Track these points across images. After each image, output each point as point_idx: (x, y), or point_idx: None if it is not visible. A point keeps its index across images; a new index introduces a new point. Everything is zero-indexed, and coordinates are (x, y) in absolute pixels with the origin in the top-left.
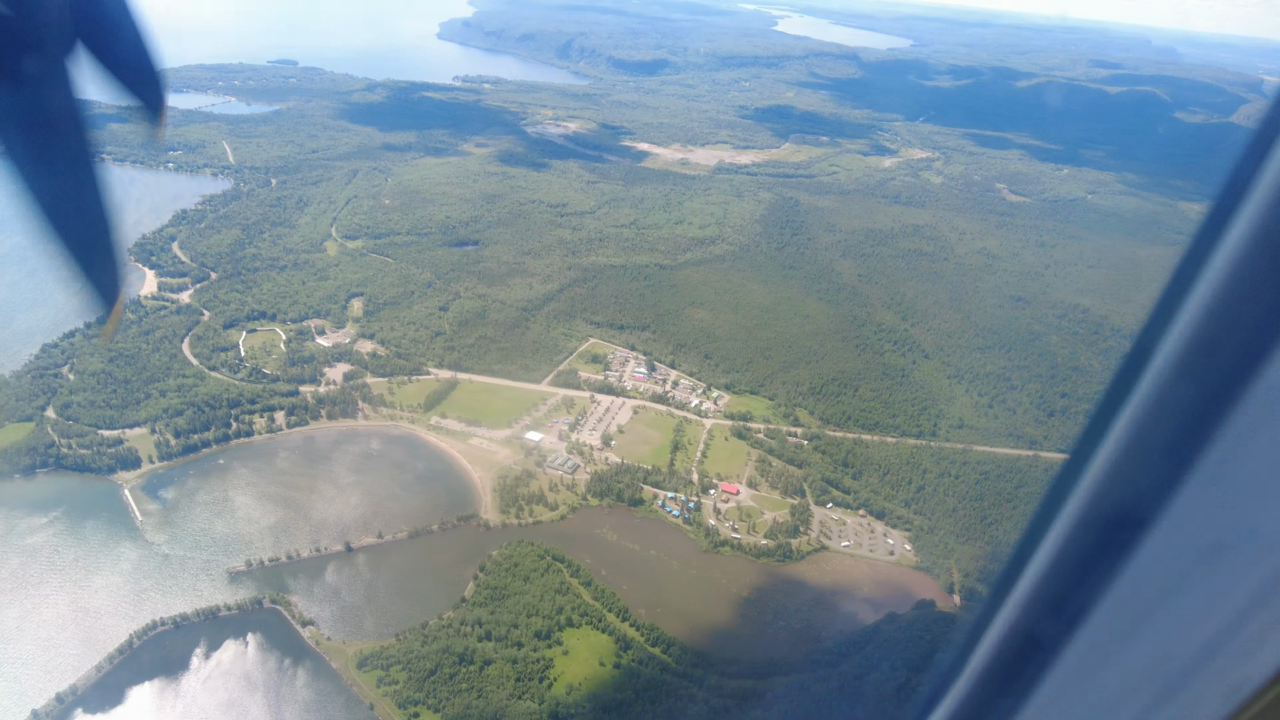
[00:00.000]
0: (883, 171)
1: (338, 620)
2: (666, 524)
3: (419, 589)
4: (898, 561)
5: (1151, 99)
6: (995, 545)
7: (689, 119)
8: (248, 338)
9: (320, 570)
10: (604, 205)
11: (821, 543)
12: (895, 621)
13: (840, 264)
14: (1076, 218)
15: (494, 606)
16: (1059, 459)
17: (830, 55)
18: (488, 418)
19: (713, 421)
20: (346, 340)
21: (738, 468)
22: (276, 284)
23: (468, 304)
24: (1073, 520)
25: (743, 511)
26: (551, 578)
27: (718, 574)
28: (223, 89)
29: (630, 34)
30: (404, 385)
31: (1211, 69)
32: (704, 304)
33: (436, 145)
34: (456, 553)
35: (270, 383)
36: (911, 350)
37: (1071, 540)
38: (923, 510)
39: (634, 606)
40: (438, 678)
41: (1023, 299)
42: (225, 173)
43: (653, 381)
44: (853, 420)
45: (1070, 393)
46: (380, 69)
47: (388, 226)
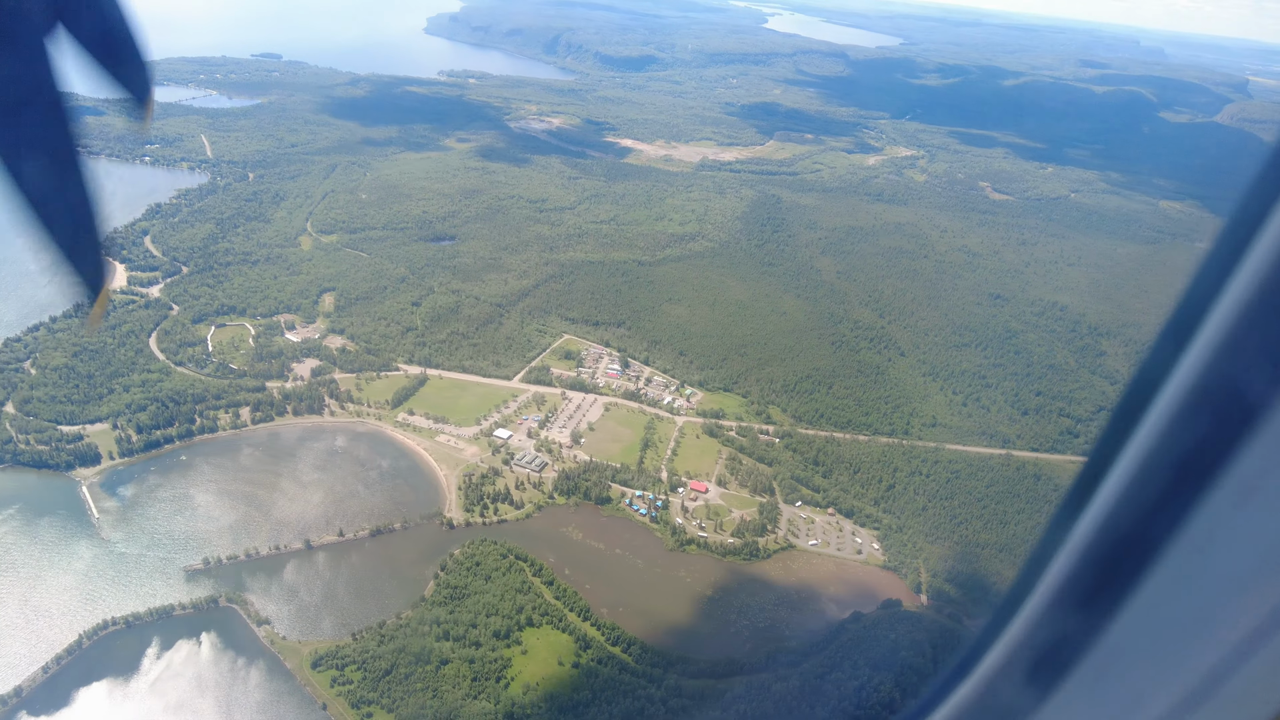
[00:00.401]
0: (867, 169)
1: (295, 619)
2: (633, 523)
3: (378, 588)
4: (865, 560)
5: (1137, 99)
6: (964, 545)
7: (674, 115)
8: (216, 333)
9: (279, 568)
10: (584, 201)
11: (789, 541)
12: (860, 620)
13: (820, 261)
14: (1058, 216)
15: (453, 606)
16: (1031, 458)
17: (818, 53)
18: (456, 414)
19: (685, 419)
20: (316, 335)
21: (708, 466)
22: (248, 278)
23: (441, 299)
24: (1095, 527)
25: (711, 510)
26: (513, 577)
27: (683, 573)
28: (204, 82)
29: (618, 30)
30: (372, 381)
31: (1198, 69)
32: (681, 300)
33: (418, 140)
34: (418, 551)
35: (237, 378)
36: (888, 348)
37: (1089, 552)
38: (892, 509)
39: (596, 606)
40: (393, 677)
41: (1001, 296)
42: (202, 167)
43: (626, 378)
44: (825, 418)
45: (1045, 391)
46: (365, 63)
47: (363, 221)
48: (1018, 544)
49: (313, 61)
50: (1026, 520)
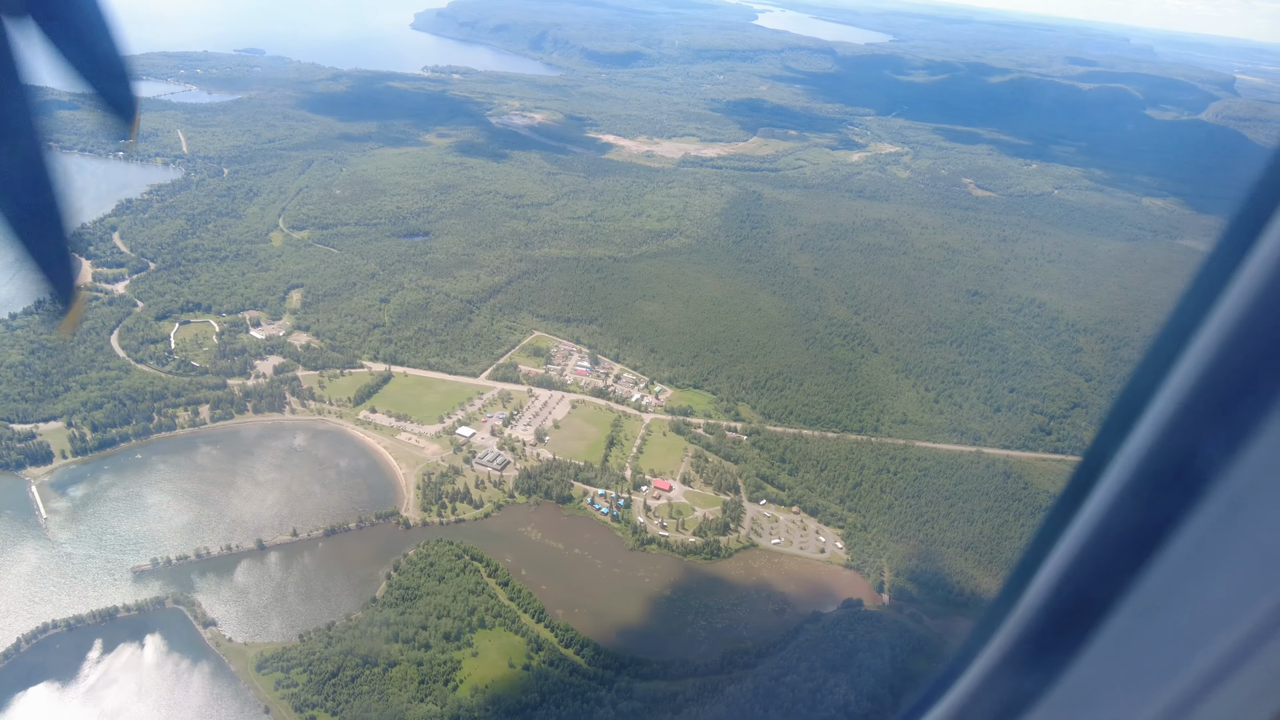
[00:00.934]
0: (850, 166)
1: (242, 621)
2: (594, 522)
3: (329, 588)
4: (828, 559)
5: (1123, 96)
6: (929, 543)
7: (658, 111)
8: (180, 329)
9: (230, 569)
10: (562, 197)
11: (751, 540)
12: (819, 621)
13: (798, 258)
14: (1041, 212)
15: (404, 607)
16: (1002, 455)
17: (806, 49)
18: (419, 412)
19: (652, 416)
20: (281, 333)
21: (673, 464)
22: (215, 275)
23: (410, 296)
24: (1083, 539)
25: (674, 508)
26: (467, 578)
27: (642, 573)
28: (184, 77)
29: (605, 26)
30: (336, 379)
31: (1186, 67)
32: (655, 297)
33: (396, 135)
34: (372, 551)
35: (198, 375)
36: (861, 344)
37: (1088, 549)
38: (858, 507)
39: (551, 607)
40: (339, 680)
41: (979, 293)
42: (177, 162)
43: (595, 375)
44: (794, 415)
45: (1019, 388)
46: (350, 59)
47: (336, 217)
48: (984, 543)
49: (296, 57)
50: (994, 519)
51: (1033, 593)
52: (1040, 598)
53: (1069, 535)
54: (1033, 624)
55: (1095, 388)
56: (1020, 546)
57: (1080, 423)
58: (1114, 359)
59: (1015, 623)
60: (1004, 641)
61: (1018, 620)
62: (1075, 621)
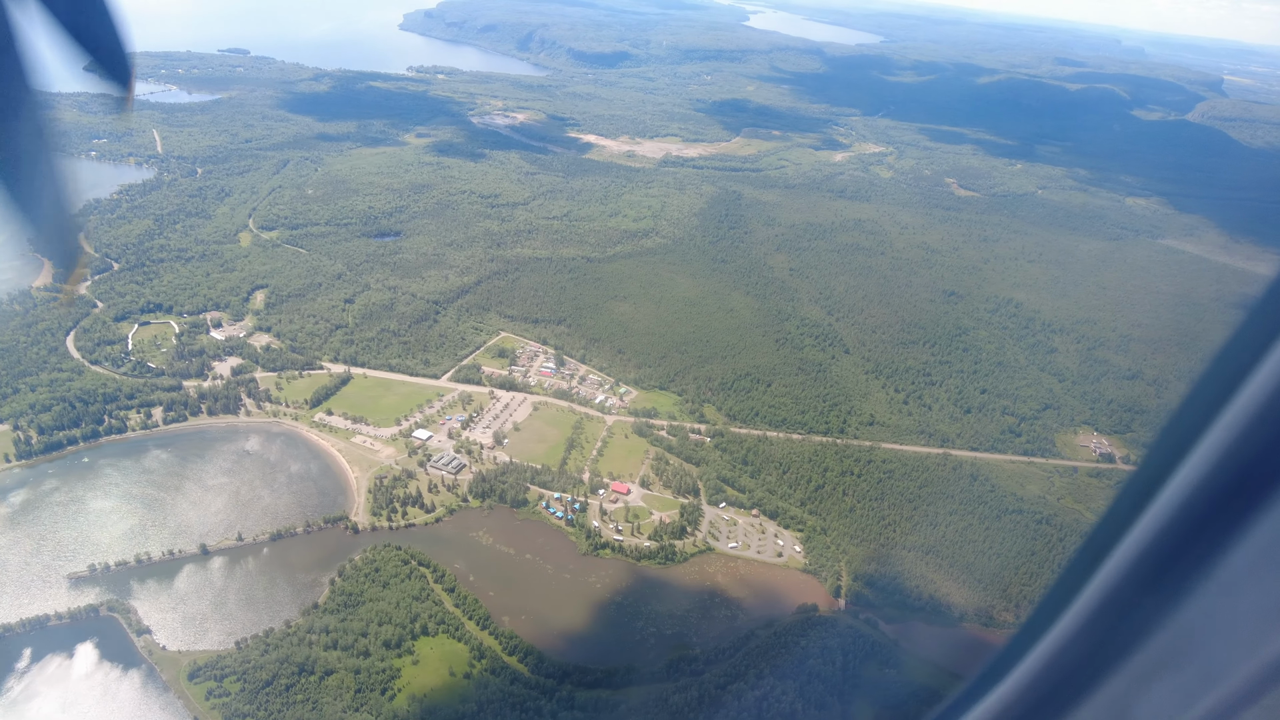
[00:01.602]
0: (833, 166)
1: (179, 628)
2: (548, 526)
3: (272, 594)
4: (785, 563)
5: (1110, 96)
6: (890, 547)
7: (642, 111)
8: (139, 330)
9: (171, 574)
10: (539, 197)
11: (708, 544)
12: (772, 627)
13: (774, 258)
14: (1023, 212)
15: (346, 614)
16: (969, 457)
17: (795, 50)
18: (376, 414)
19: (615, 418)
20: (242, 334)
21: (634, 466)
22: (179, 275)
23: (376, 296)
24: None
25: (630, 512)
26: (412, 584)
27: (593, 578)
28: (165, 77)
29: (593, 26)
30: (294, 380)
31: (1175, 68)
32: (627, 298)
33: (375, 135)
34: (318, 556)
35: (154, 377)
36: (833, 345)
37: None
38: (818, 510)
39: (497, 613)
40: (273, 689)
41: (956, 293)
42: (150, 162)
43: (559, 377)
44: (760, 416)
45: (990, 389)
46: (335, 59)
47: (307, 217)
48: (946, 546)
49: (281, 57)
50: (958, 522)
51: (1075, 606)
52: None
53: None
54: (1080, 633)
55: (1069, 388)
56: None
57: (1051, 424)
58: (1089, 359)
59: (1061, 630)
60: (1046, 651)
61: (1063, 628)
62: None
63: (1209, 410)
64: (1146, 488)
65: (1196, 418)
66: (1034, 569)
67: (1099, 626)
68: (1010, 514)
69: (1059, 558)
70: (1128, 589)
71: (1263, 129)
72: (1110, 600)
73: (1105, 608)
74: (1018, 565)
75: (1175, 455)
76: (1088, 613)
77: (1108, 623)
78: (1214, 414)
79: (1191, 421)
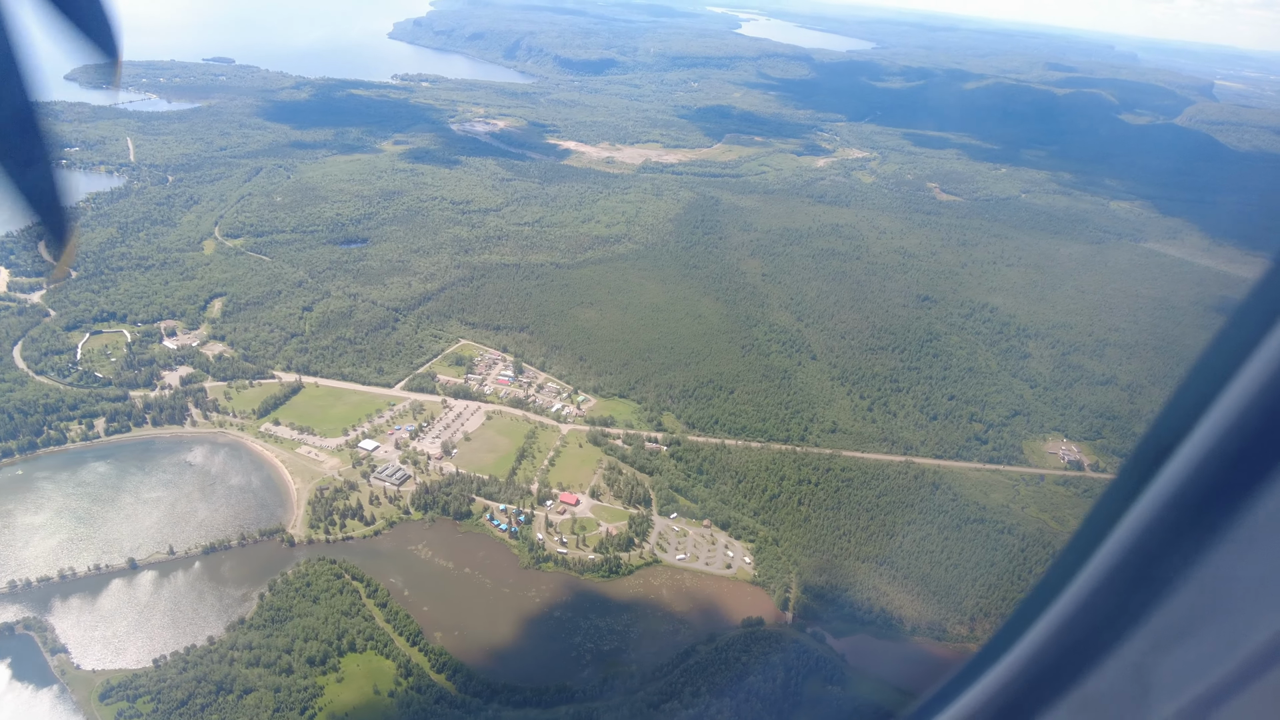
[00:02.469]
0: (814, 171)
1: (98, 646)
2: (491, 539)
3: (198, 610)
4: (734, 575)
5: (1097, 100)
6: (843, 558)
7: (625, 118)
8: (90, 340)
9: (96, 590)
10: (512, 203)
11: (655, 556)
12: (714, 642)
13: (747, 263)
14: (1005, 216)
15: (272, 630)
16: (932, 465)
17: (783, 56)
18: (324, 424)
19: (570, 427)
20: (196, 342)
21: (586, 476)
22: (137, 284)
23: (335, 304)
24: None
25: (577, 523)
26: (343, 599)
27: (533, 592)
28: (146, 86)
29: (581, 34)
30: (244, 389)
31: (1166, 73)
32: (593, 304)
33: (350, 143)
34: (251, 570)
35: (100, 387)
36: (799, 351)
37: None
38: (772, 520)
39: (430, 629)
40: (188, 709)
41: (930, 298)
42: (122, 170)
43: (517, 385)
44: (720, 424)
45: (958, 395)
46: (320, 67)
47: (273, 224)
48: (901, 557)
49: (267, 66)
50: (915, 532)
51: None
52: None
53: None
54: (1063, 628)
55: (1040, 395)
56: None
57: (1020, 430)
58: (1063, 364)
59: (1044, 626)
60: (1029, 646)
61: (1047, 624)
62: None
63: (1231, 364)
64: (1165, 445)
65: (1218, 372)
66: (993, 581)
67: (1116, 588)
68: (971, 524)
69: (1019, 569)
70: (1145, 549)
71: (1250, 132)
72: (1127, 561)
73: (1122, 568)
74: (975, 577)
75: (1194, 413)
76: (1104, 574)
77: (1125, 584)
78: (1236, 368)
79: (1213, 375)
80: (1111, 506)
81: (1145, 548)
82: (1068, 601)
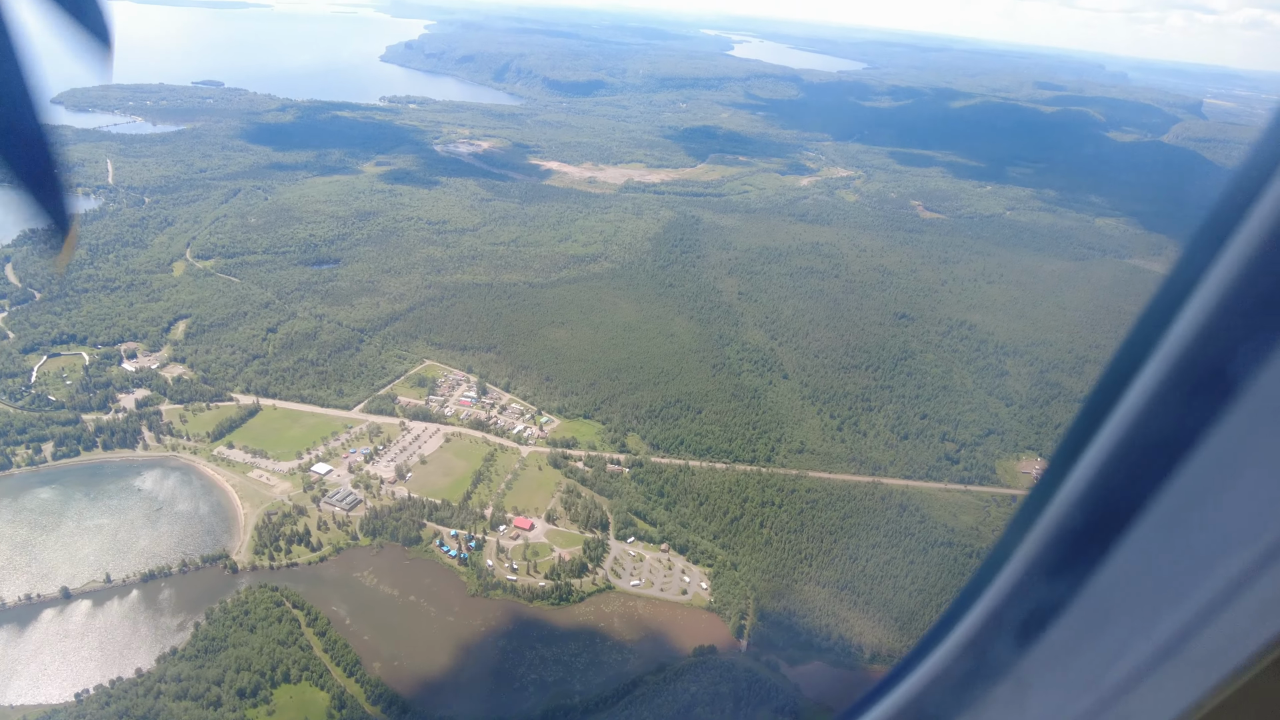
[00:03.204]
0: (797, 190)
1: (20, 679)
2: (439, 565)
3: (130, 640)
4: (689, 602)
5: (1083, 118)
6: (802, 583)
7: (610, 138)
8: (47, 362)
9: (24, 620)
10: (490, 223)
11: (609, 582)
12: (662, 672)
13: (724, 281)
14: (989, 233)
15: (204, 660)
16: (900, 486)
17: (772, 77)
18: (279, 447)
19: (531, 449)
20: (155, 364)
21: (543, 500)
22: (101, 305)
23: (300, 325)
24: (1075, 495)
25: (530, 549)
26: (281, 627)
27: (478, 621)
28: (132, 109)
29: (571, 56)
30: (200, 412)
31: (1156, 91)
32: (564, 323)
33: (331, 164)
34: (189, 598)
35: (51, 410)
36: (771, 370)
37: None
38: (731, 544)
39: (369, 659)
40: None
41: (907, 316)
42: (99, 192)
43: (479, 406)
44: (685, 445)
45: (931, 414)
46: (310, 90)
47: (245, 246)
48: (863, 582)
49: (256, 89)
50: (879, 555)
51: (1060, 499)
52: (1067, 505)
53: (1096, 442)
54: (1022, 581)
55: (1015, 413)
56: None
57: (994, 450)
58: (1040, 382)
59: (1006, 578)
60: (995, 596)
61: (1008, 576)
62: (1101, 529)
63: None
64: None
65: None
66: None
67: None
68: (939, 546)
69: None
70: (1035, 574)
71: (1238, 149)
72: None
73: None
74: (940, 603)
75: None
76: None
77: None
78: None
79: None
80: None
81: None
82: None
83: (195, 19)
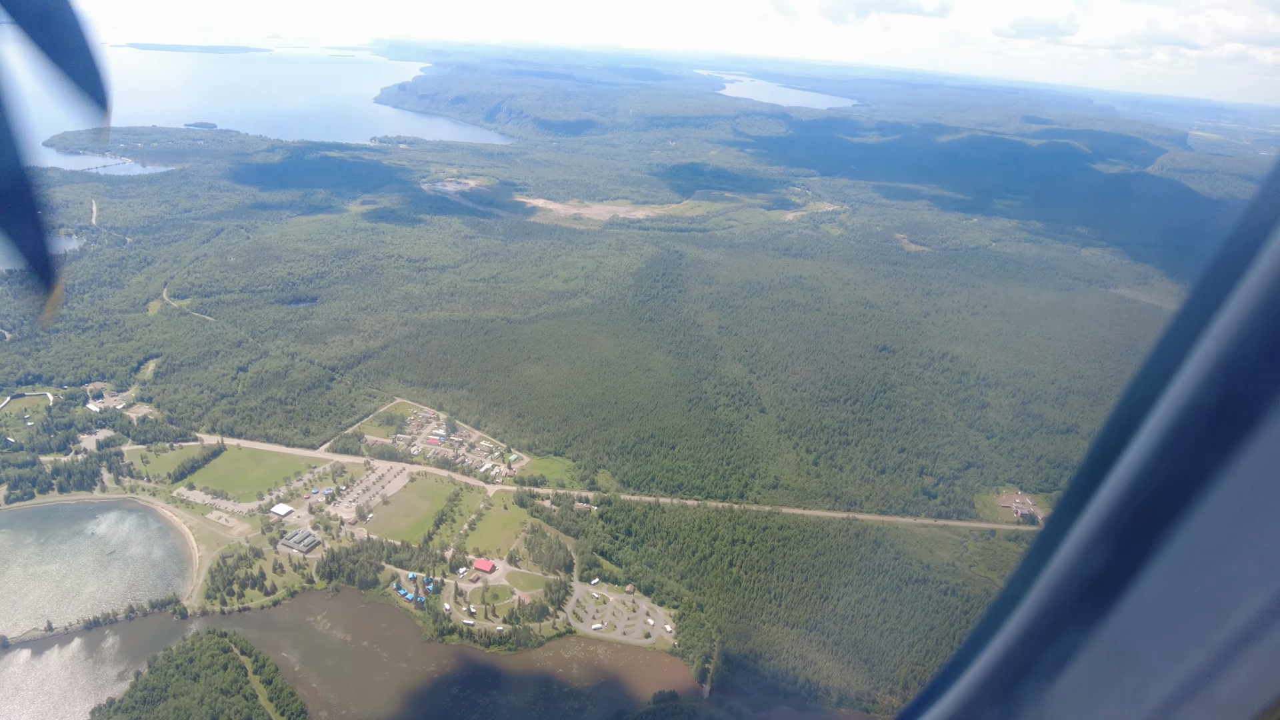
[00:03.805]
0: (782, 225)
1: None
2: (396, 609)
3: (68, 691)
4: (652, 645)
5: (1069, 151)
6: (771, 624)
7: (597, 176)
8: (10, 403)
9: None
10: (471, 260)
11: (570, 625)
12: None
13: (704, 316)
14: (974, 265)
15: (141, 711)
16: (876, 521)
17: (761, 114)
18: (240, 488)
19: (498, 488)
20: (121, 405)
21: (506, 540)
22: (71, 346)
23: (271, 363)
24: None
25: (490, 592)
26: (226, 675)
27: (432, 667)
28: (123, 150)
29: (562, 96)
30: (163, 453)
31: (1142, 124)
32: (540, 359)
33: (316, 204)
34: (135, 645)
35: (10, 452)
36: (749, 404)
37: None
38: (699, 584)
39: (316, 709)
40: None
41: (888, 348)
42: (82, 233)
43: (448, 445)
44: (656, 482)
45: (909, 447)
46: (301, 131)
47: (222, 285)
48: (834, 622)
49: (247, 130)
50: (851, 594)
51: (1075, 537)
52: (1083, 544)
53: (1109, 480)
54: (1073, 571)
55: (996, 445)
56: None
57: (973, 483)
58: (1022, 414)
59: (1027, 609)
60: (1045, 588)
61: (1029, 607)
62: (1118, 568)
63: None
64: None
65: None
66: (930, 647)
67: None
68: (914, 583)
69: (960, 633)
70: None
71: (1222, 179)
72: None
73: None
74: (912, 643)
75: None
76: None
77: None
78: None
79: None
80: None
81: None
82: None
83: (195, 63)
